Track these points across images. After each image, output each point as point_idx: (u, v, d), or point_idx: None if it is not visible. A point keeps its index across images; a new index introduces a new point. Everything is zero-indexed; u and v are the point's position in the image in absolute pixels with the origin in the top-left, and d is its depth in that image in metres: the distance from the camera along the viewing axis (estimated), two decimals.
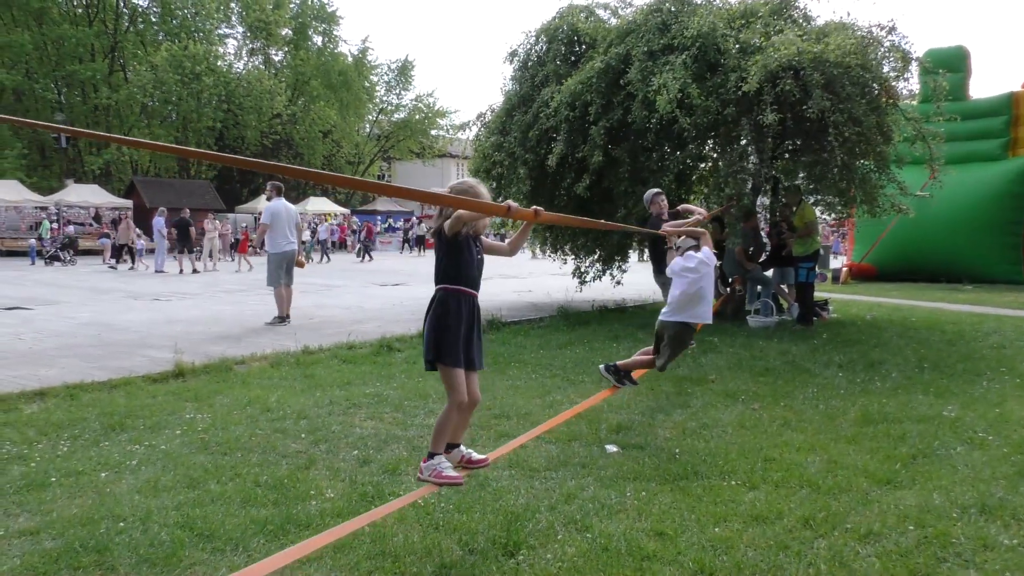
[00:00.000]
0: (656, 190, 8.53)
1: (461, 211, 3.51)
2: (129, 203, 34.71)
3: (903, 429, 5.29)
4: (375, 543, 3.54)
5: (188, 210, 24.81)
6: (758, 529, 3.63)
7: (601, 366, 6.07)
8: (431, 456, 3.71)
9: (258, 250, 21.60)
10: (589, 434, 5.33)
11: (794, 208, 10.44)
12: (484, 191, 3.74)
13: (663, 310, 5.82)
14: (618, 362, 6.06)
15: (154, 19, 41.54)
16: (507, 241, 4.09)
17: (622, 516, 3.82)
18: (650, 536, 3.58)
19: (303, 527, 3.66)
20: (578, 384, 7.00)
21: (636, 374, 6.08)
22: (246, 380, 7.08)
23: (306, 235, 28.85)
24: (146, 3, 40.84)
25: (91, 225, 33.55)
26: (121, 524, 3.65)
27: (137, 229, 24.54)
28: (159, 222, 23.54)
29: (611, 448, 5.01)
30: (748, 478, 4.34)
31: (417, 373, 7.38)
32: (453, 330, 3.62)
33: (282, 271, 10.91)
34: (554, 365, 7.86)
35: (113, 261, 25.10)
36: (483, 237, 3.86)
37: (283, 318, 10.95)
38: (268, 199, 11.18)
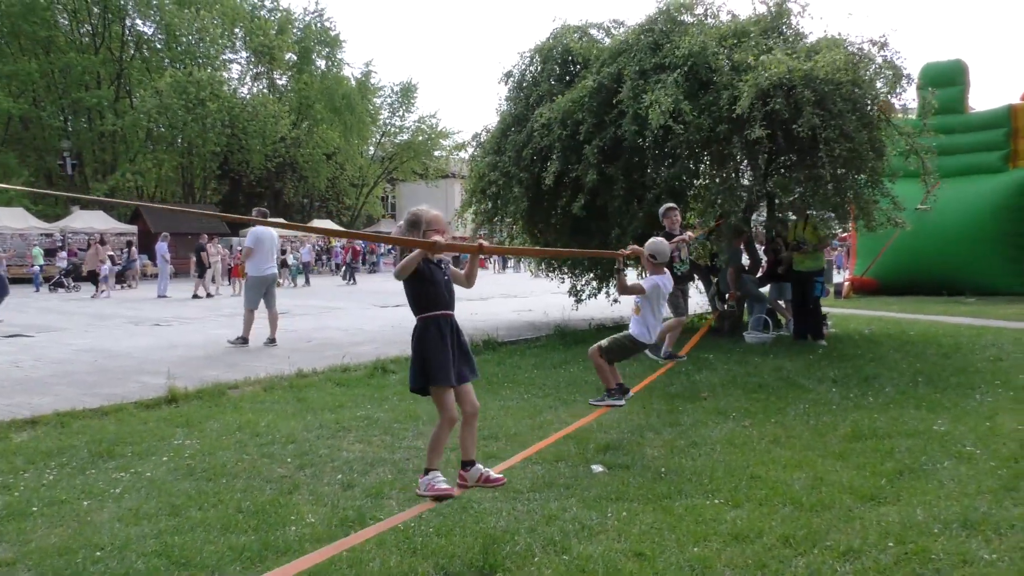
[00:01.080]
0: (670, 204, 8.39)
1: (403, 262, 3.74)
2: (134, 228, 34.94)
3: (892, 444, 5.26)
4: (352, 568, 3.53)
5: (206, 235, 24.99)
6: (737, 548, 3.61)
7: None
8: (427, 472, 3.90)
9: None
10: (576, 454, 5.32)
11: (804, 223, 10.42)
12: (432, 216, 3.88)
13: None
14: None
15: (159, 45, 41.98)
16: (463, 273, 4.17)
17: (602, 537, 3.80)
18: (628, 557, 3.56)
19: (281, 553, 3.65)
20: (570, 404, 6.98)
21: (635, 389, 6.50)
22: (238, 405, 7.10)
23: (291, 258, 28.74)
24: (151, 30, 41.31)
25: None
26: (98, 553, 3.65)
27: (108, 253, 24.53)
28: (162, 247, 23.66)
29: (597, 468, 4.99)
30: (732, 496, 4.32)
31: (409, 396, 7.28)
32: (440, 353, 3.81)
33: (261, 294, 11.18)
34: (547, 385, 7.85)
35: (68, 281, 25.33)
36: (448, 263, 4.04)
37: (246, 339, 11.15)
38: (253, 224, 11.38)
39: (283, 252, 27.69)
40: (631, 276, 13.51)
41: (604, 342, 6.07)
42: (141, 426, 6.28)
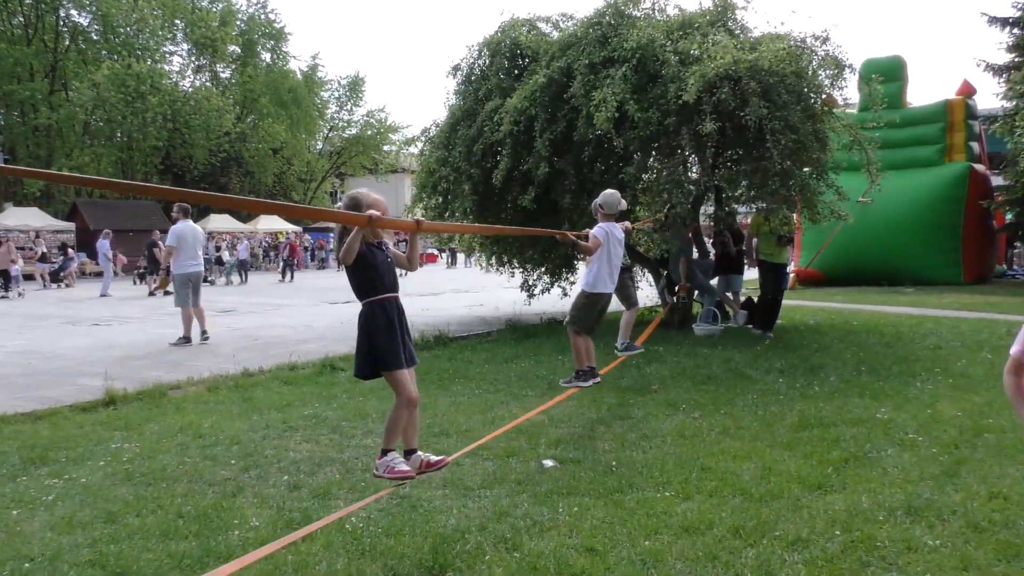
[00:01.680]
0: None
1: (347, 244, 3.65)
2: (71, 225, 33.89)
3: (837, 433, 5.34)
4: (298, 571, 3.44)
5: (157, 232, 24.29)
6: (688, 540, 3.60)
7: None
8: (384, 453, 3.89)
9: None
10: (528, 449, 5.27)
11: (774, 217, 10.17)
12: (372, 199, 3.79)
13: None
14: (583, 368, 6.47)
15: (96, 37, 40.67)
16: (407, 257, 4.14)
17: (553, 533, 3.76)
18: (580, 553, 3.53)
19: (222, 559, 3.53)
20: (522, 399, 6.94)
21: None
22: (181, 406, 6.89)
23: (226, 255, 28.02)
24: (87, 21, 39.99)
25: (30, 249, 32.60)
26: (27, 565, 3.48)
27: (14, 254, 23.63)
28: (104, 245, 22.95)
29: (548, 463, 4.95)
30: (683, 488, 4.32)
31: (359, 392, 7.26)
32: (389, 336, 3.79)
33: (189, 291, 11.04)
34: (499, 380, 7.80)
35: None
36: (389, 244, 3.97)
37: (188, 339, 10.96)
38: (174, 221, 11.30)
39: (217, 249, 27.03)
40: (582, 268, 13.63)
41: (569, 315, 6.41)
42: (77, 430, 6.05)
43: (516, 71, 11.48)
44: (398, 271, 4.02)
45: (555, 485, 4.47)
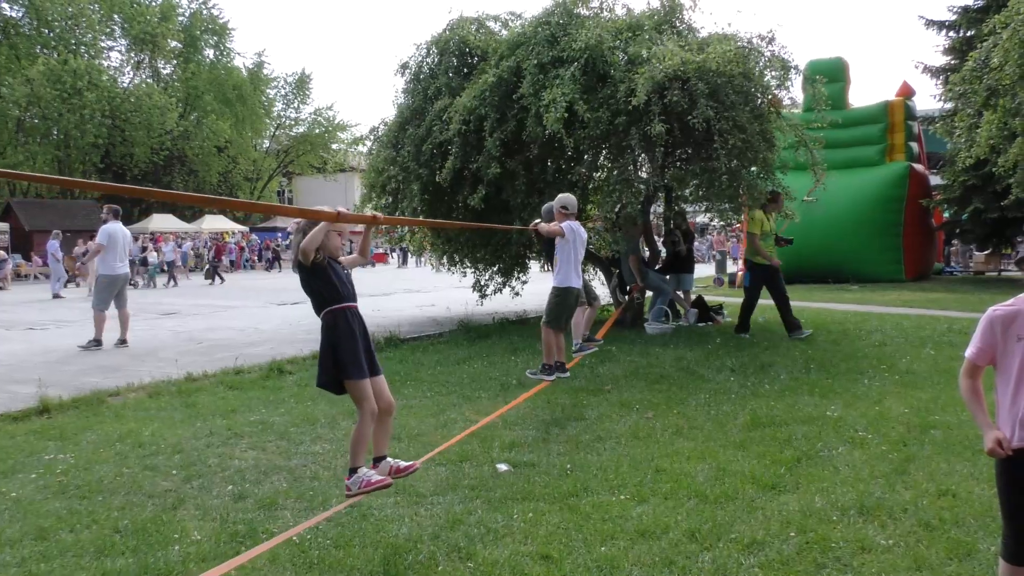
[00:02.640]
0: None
1: (304, 244, 3.67)
2: (5, 226, 32.69)
3: (789, 431, 5.36)
4: None
5: (151, 233, 23.68)
6: (644, 545, 3.56)
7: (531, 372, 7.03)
8: (353, 471, 3.82)
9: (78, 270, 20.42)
10: (481, 453, 5.19)
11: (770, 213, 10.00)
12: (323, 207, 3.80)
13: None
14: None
15: (27, 30, 39.21)
16: (354, 249, 4.26)
17: (508, 540, 3.68)
18: (535, 560, 3.46)
19: None
20: (474, 400, 6.86)
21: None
22: (120, 413, 6.64)
23: (152, 256, 27.08)
24: (19, 14, 38.54)
25: None
26: None
27: None
28: (53, 245, 22.17)
29: (502, 467, 4.87)
30: (638, 491, 4.28)
31: (307, 397, 7.09)
32: (350, 345, 3.77)
33: (113, 294, 10.83)
34: (451, 382, 7.69)
35: None
36: (341, 257, 3.97)
37: (99, 342, 10.70)
38: (104, 221, 11.04)
39: (143, 250, 26.23)
40: (534, 268, 13.60)
41: (545, 316, 6.87)
42: (7, 441, 5.77)
43: (465, 70, 11.38)
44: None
45: (509, 490, 4.39)
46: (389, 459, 4.03)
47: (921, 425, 5.39)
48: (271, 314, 15.52)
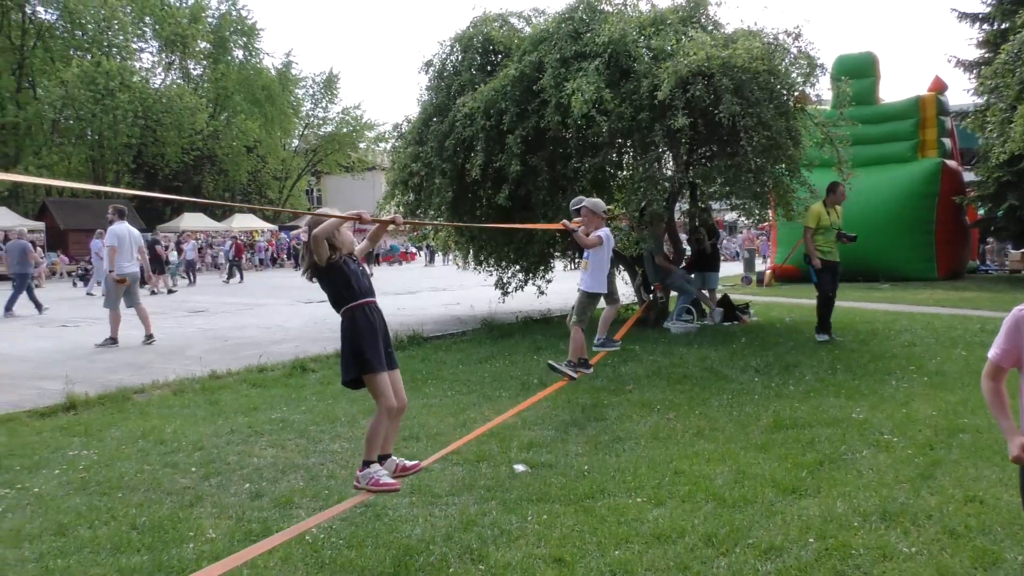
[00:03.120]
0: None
1: (315, 232, 3.70)
2: (41, 225, 33.28)
3: (812, 434, 5.26)
4: None
5: (159, 231, 23.99)
6: (659, 549, 3.50)
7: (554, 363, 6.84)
8: (366, 465, 3.84)
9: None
10: (499, 453, 5.16)
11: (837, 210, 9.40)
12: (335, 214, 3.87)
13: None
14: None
15: (61, 33, 39.89)
16: (367, 238, 4.35)
17: (521, 543, 3.64)
18: (548, 563, 3.41)
19: (175, 574, 3.38)
20: (494, 400, 6.82)
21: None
22: (144, 410, 6.71)
23: (173, 256, 26.90)
24: (54, 18, 39.23)
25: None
26: None
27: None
28: (97, 244, 22.48)
29: (519, 467, 4.84)
30: (655, 494, 4.22)
31: (329, 395, 7.11)
32: (370, 340, 3.79)
33: (121, 293, 10.98)
34: (472, 381, 7.67)
35: None
36: (355, 254, 4.00)
37: (115, 340, 10.86)
38: (111, 222, 11.20)
39: (165, 248, 26.33)
40: (558, 266, 13.55)
41: (573, 316, 6.95)
42: (34, 437, 5.85)
43: (489, 67, 11.36)
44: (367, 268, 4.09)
45: (525, 491, 4.35)
46: (394, 457, 4.04)
47: (949, 428, 5.26)
48: (298, 312, 15.63)
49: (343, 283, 3.83)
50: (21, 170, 35.29)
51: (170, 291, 22.18)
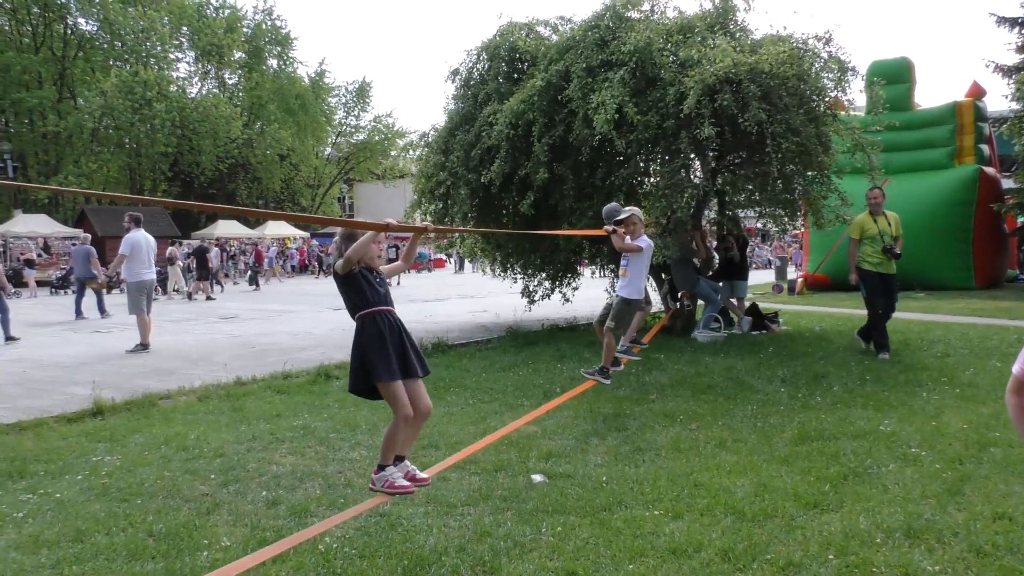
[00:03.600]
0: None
1: (349, 253, 3.79)
2: (79, 232, 33.91)
3: (838, 447, 5.15)
4: None
5: (205, 239, 24.53)
6: (674, 564, 3.43)
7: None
8: (381, 468, 3.90)
9: (111, 279, 20.92)
10: (518, 463, 5.12)
11: (887, 218, 8.95)
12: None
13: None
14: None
15: (101, 44, 40.79)
16: (400, 256, 4.41)
17: (534, 555, 3.60)
18: None
19: None
20: (516, 408, 6.77)
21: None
22: (169, 416, 6.77)
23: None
24: (94, 29, 40.12)
25: (40, 256, 32.72)
26: None
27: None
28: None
29: (537, 478, 4.79)
30: (673, 506, 4.15)
31: (351, 402, 7.11)
32: (380, 347, 3.81)
33: (143, 297, 11.15)
34: (495, 389, 7.64)
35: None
36: (378, 266, 4.07)
37: (146, 345, 11.02)
38: (127, 230, 11.41)
39: (187, 257, 26.62)
40: (585, 274, 13.48)
41: (610, 321, 6.83)
42: (60, 442, 5.93)
43: (515, 75, 11.35)
44: (391, 280, 4.13)
45: (541, 502, 4.30)
46: (408, 463, 4.06)
47: (980, 442, 5.11)
48: (325, 318, 15.74)
49: (356, 293, 3.90)
50: (61, 178, 36.12)
51: (208, 297, 22.53)
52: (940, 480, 4.41)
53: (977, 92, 19.20)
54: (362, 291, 3.89)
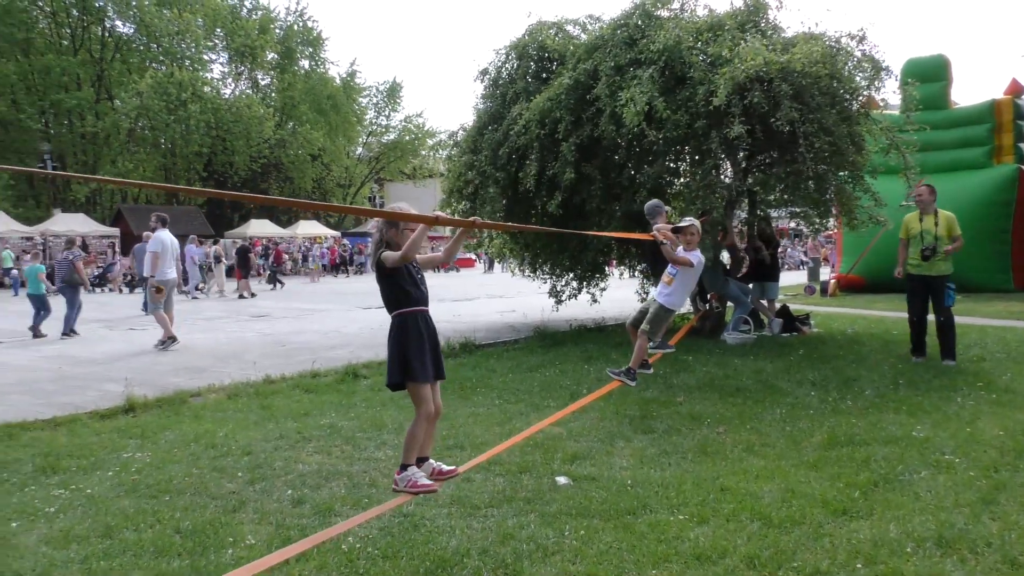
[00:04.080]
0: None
1: (406, 251, 3.70)
2: (116, 231, 34.54)
3: (868, 452, 5.06)
4: None
5: (249, 237, 24.96)
6: (698, 570, 3.39)
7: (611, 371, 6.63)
8: (404, 468, 3.87)
9: (135, 278, 21.03)
10: (542, 464, 5.10)
11: (936, 217, 8.33)
12: (409, 209, 3.92)
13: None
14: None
15: (137, 45, 41.50)
16: (443, 249, 4.32)
17: (556, 559, 3.58)
18: None
19: None
20: (543, 410, 6.74)
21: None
22: (199, 414, 6.86)
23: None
24: (131, 31, 40.84)
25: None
26: None
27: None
28: (190, 249, 23.29)
29: (561, 480, 4.77)
30: (698, 511, 4.10)
31: (378, 402, 7.15)
32: (417, 349, 3.81)
33: (163, 298, 11.44)
34: (521, 390, 7.62)
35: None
36: (420, 266, 4.03)
37: (174, 338, 11.27)
38: (153, 230, 11.76)
39: (207, 256, 26.78)
40: (613, 274, 13.39)
41: (645, 324, 6.43)
42: (93, 438, 6.03)
43: (543, 74, 11.34)
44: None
45: (565, 505, 4.28)
46: (432, 461, 4.06)
47: (1016, 449, 4.99)
48: (354, 317, 15.84)
49: (400, 289, 3.85)
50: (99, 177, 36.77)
51: (252, 295, 23.02)
52: (974, 488, 4.31)
53: (1016, 89, 18.75)
54: (406, 289, 3.85)
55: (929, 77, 17.39)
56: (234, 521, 4.14)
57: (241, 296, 22.72)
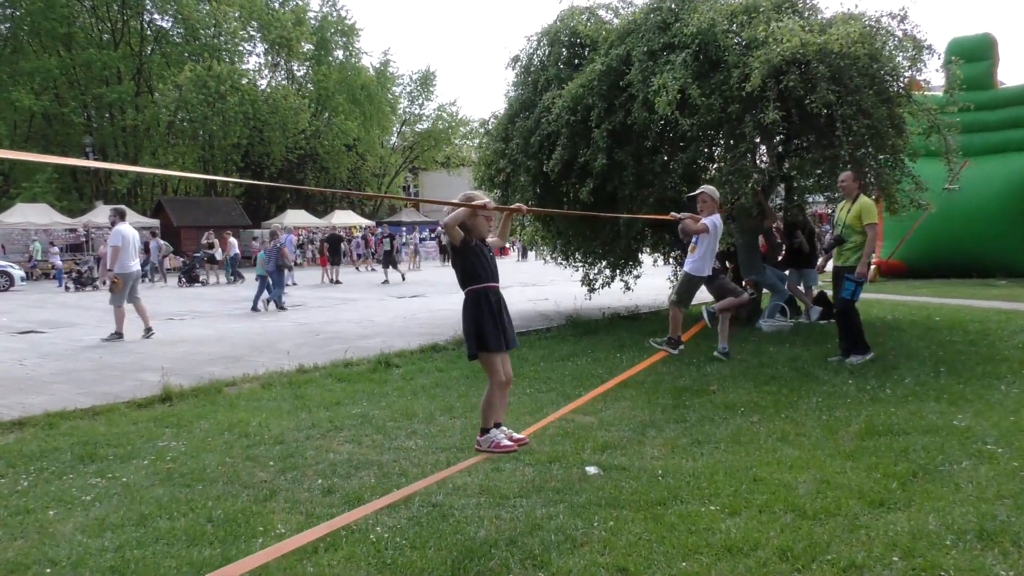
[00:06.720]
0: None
1: (446, 221, 4.12)
2: (156, 222, 35.14)
3: (907, 442, 4.93)
4: None
5: (339, 228, 26.40)
6: (729, 563, 3.33)
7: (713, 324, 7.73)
8: (485, 432, 4.28)
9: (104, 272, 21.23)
10: (572, 454, 5.06)
11: (850, 205, 7.86)
12: (478, 196, 4.29)
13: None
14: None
15: (177, 39, 42.09)
16: (496, 234, 4.62)
17: (585, 550, 3.54)
18: (611, 572, 3.30)
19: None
20: (574, 399, 6.65)
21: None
22: (234, 403, 6.93)
23: (218, 254, 26.62)
24: (170, 24, 41.43)
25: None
26: (48, 571, 3.47)
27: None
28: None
29: (591, 469, 4.73)
30: (731, 502, 4.03)
31: (409, 391, 7.18)
32: (489, 321, 4.15)
33: (127, 291, 11.64)
34: (552, 379, 7.59)
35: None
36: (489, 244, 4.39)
37: (121, 334, 11.48)
38: (112, 223, 11.96)
39: (210, 247, 26.92)
40: (647, 262, 13.25)
41: (673, 295, 7.27)
42: (131, 427, 6.13)
43: (575, 60, 11.23)
44: None
45: (595, 495, 4.24)
46: (504, 428, 4.35)
47: None
48: (388, 307, 15.93)
49: (472, 266, 4.19)
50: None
51: (336, 281, 24.46)
52: (1018, 479, 4.17)
53: None
54: (476, 266, 4.17)
55: (974, 57, 16.88)
56: (265, 510, 4.17)
57: (334, 282, 24.59)
